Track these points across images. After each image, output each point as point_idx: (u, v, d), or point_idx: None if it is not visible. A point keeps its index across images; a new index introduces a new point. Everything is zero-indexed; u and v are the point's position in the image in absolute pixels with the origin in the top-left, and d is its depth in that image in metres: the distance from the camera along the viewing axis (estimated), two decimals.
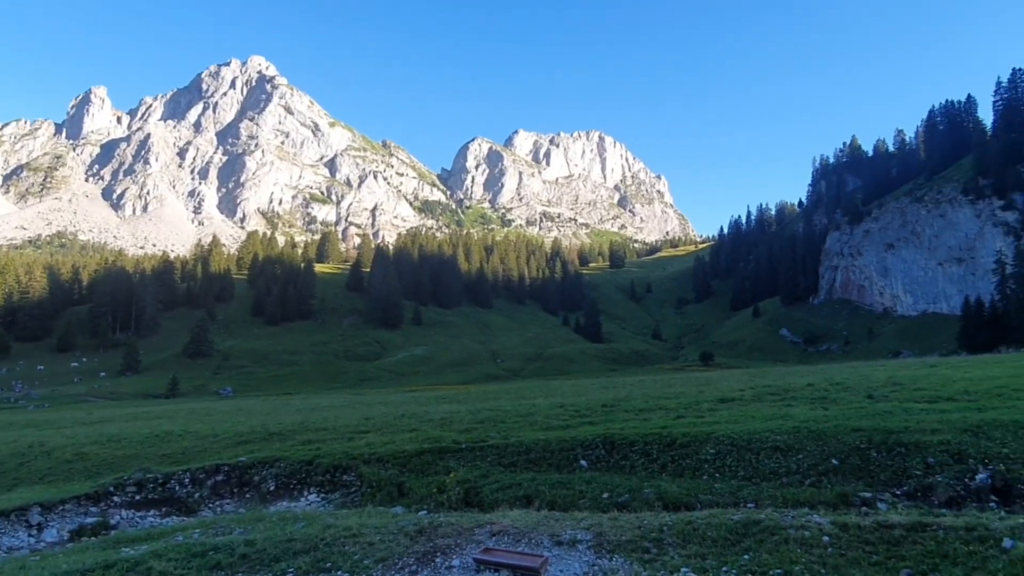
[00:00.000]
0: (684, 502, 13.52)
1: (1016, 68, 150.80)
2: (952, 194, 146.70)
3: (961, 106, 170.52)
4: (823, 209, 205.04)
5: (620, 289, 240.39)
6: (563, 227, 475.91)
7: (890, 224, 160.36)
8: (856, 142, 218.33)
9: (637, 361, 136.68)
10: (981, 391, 21.64)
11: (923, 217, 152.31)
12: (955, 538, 8.23)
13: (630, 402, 25.95)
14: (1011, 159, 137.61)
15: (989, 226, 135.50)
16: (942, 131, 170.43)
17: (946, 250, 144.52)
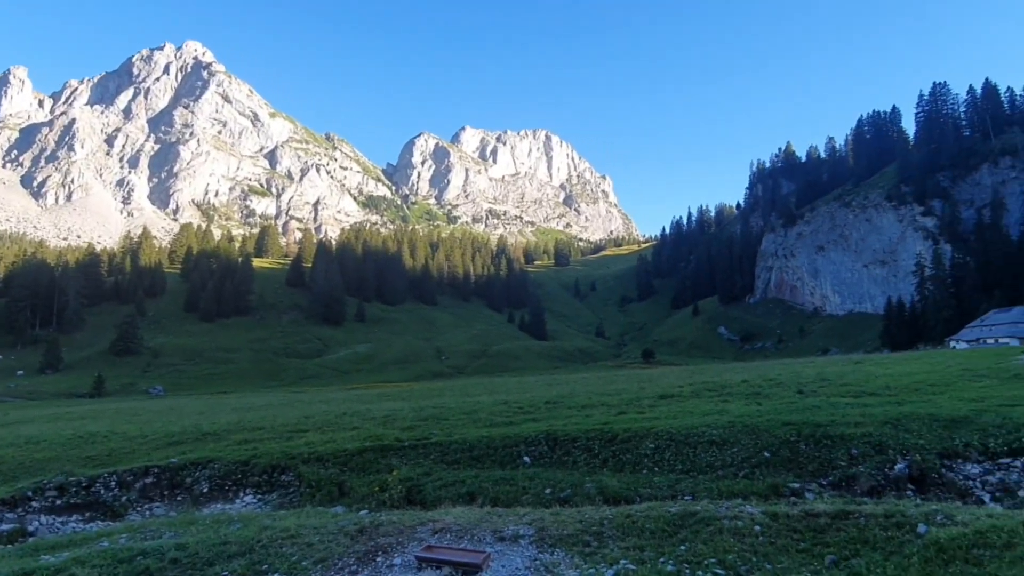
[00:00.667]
0: (624, 496, 13.78)
1: (937, 82, 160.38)
2: (877, 200, 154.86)
3: (887, 116, 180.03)
4: (759, 212, 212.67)
5: (565, 287, 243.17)
6: (509, 225, 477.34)
7: (821, 227, 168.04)
8: (791, 148, 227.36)
9: (581, 358, 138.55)
10: (900, 386, 22.94)
11: (851, 221, 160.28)
12: (875, 525, 8.67)
13: (573, 399, 26.28)
14: (931, 168, 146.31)
15: (910, 231, 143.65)
16: (869, 140, 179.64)
17: (871, 253, 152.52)
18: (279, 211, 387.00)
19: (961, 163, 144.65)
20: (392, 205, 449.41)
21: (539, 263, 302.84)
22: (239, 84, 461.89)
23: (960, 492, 13.59)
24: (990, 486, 13.69)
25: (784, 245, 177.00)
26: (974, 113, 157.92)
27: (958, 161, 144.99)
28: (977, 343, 73.73)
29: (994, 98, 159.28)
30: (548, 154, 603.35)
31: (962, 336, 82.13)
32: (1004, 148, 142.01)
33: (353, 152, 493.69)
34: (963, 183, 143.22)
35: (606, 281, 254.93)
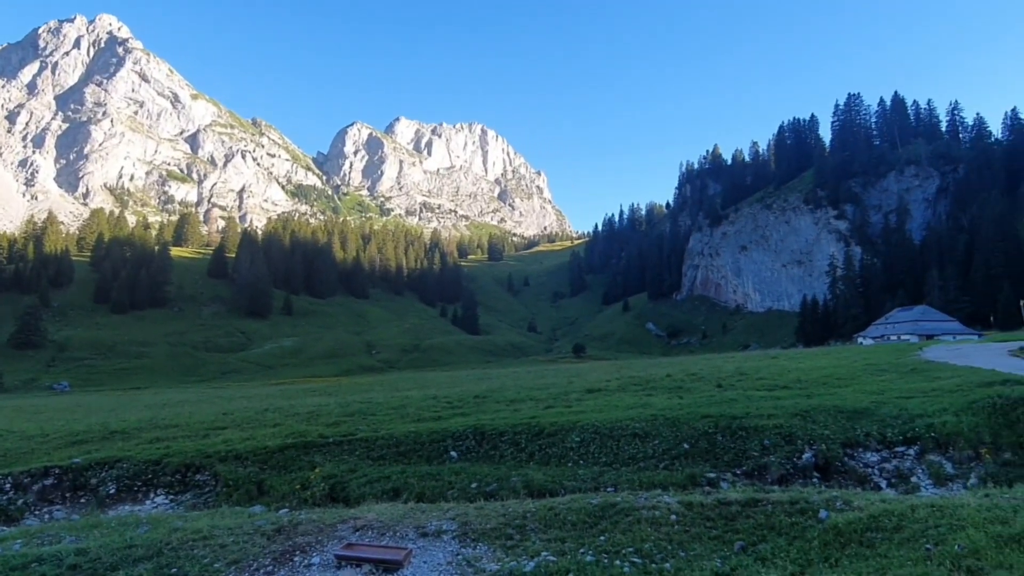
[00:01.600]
0: (549, 489, 13.96)
1: (851, 93, 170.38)
2: (796, 203, 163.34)
3: (806, 124, 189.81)
4: (688, 211, 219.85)
5: (498, 282, 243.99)
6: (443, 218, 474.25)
7: (744, 228, 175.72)
8: (718, 151, 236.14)
9: (513, 353, 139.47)
10: (810, 380, 24.23)
11: (772, 223, 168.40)
12: (781, 511, 9.11)
13: (502, 393, 26.40)
14: (844, 174, 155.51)
15: (825, 233, 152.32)
16: (790, 145, 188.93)
17: (789, 253, 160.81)
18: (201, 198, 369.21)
19: (871, 170, 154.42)
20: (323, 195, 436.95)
21: (473, 257, 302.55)
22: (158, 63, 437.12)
23: (860, 479, 14.50)
24: (887, 473, 14.68)
25: (710, 244, 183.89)
26: (884, 124, 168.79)
27: (869, 168, 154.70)
28: (882, 339, 78.74)
29: (901, 110, 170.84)
30: (484, 148, 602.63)
31: (869, 333, 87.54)
32: (909, 158, 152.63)
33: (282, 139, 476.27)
34: (873, 189, 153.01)
35: (539, 277, 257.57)
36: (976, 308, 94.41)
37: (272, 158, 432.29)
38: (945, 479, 14.10)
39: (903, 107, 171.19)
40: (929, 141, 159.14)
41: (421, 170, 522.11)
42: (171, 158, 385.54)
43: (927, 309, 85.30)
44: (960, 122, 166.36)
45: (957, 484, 13.85)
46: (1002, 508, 7.09)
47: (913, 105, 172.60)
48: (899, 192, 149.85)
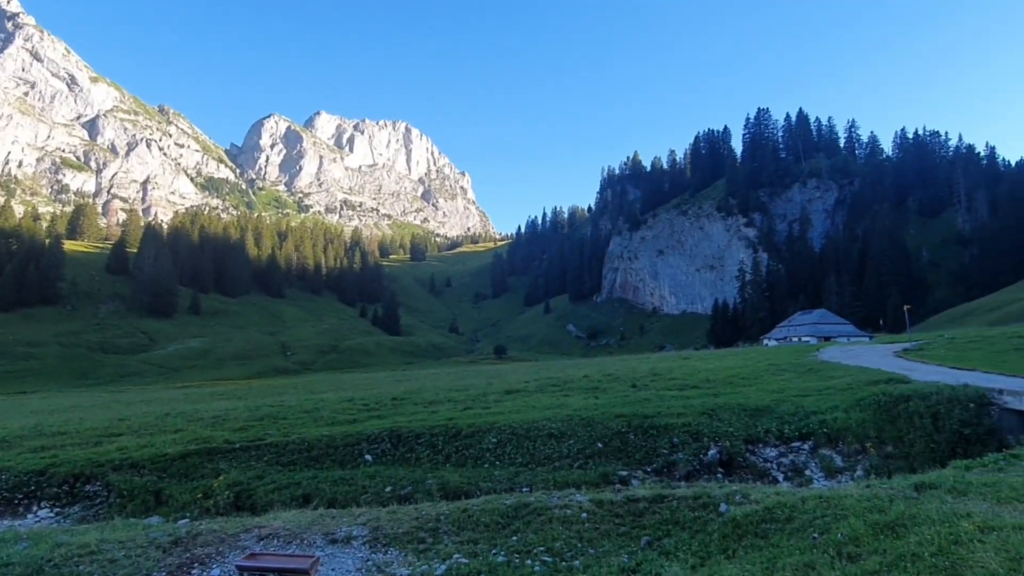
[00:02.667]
0: (465, 490, 13.94)
1: (761, 108, 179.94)
2: (709, 210, 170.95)
3: (719, 135, 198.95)
4: (608, 215, 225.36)
5: (420, 282, 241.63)
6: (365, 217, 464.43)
7: (661, 233, 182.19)
8: (638, 157, 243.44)
9: (434, 354, 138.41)
10: (718, 379, 25.37)
11: (687, 228, 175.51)
12: (685, 506, 9.48)
13: (421, 395, 26.13)
14: (753, 184, 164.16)
15: (735, 239, 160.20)
16: (704, 155, 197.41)
17: (703, 258, 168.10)
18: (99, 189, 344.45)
19: (778, 181, 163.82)
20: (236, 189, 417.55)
21: (395, 257, 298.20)
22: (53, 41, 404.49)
23: (760, 473, 15.32)
24: (784, 467, 15.58)
25: (629, 248, 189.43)
26: (789, 138, 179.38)
27: (775, 179, 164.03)
28: (785, 341, 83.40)
29: (805, 126, 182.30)
30: (407, 146, 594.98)
31: (773, 335, 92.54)
32: (811, 171, 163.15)
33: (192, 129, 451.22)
34: (779, 199, 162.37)
35: (462, 277, 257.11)
36: (868, 312, 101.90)
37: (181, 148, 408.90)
38: (835, 472, 15.12)
39: (807, 123, 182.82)
40: (829, 156, 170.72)
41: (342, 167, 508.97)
42: (66, 144, 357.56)
43: (825, 313, 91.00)
44: (856, 139, 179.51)
45: (845, 476, 14.89)
46: (880, 498, 7.65)
47: (815, 122, 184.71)
48: (802, 203, 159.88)
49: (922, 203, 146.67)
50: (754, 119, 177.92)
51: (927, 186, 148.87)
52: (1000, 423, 15.36)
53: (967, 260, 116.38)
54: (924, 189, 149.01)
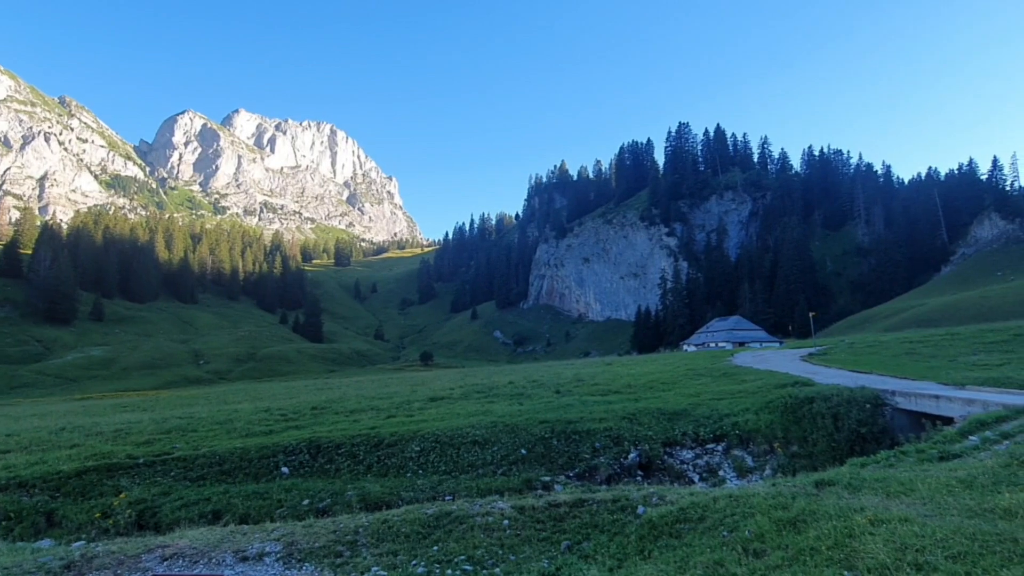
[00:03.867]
0: (386, 501, 13.66)
1: (682, 122, 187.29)
2: (633, 219, 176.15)
3: (643, 147, 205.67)
4: (536, 223, 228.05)
5: (345, 288, 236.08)
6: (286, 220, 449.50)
7: (587, 241, 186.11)
8: (565, 166, 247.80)
9: (358, 361, 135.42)
10: (639, 385, 26.04)
11: (612, 237, 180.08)
12: (604, 510, 9.63)
13: (342, 403, 25.45)
14: (675, 195, 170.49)
15: (657, 248, 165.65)
16: (629, 165, 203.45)
17: (627, 266, 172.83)
18: None
19: (697, 193, 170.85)
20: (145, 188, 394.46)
21: (318, 262, 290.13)
22: None
23: (677, 475, 15.82)
24: (699, 468, 16.15)
25: (556, 255, 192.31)
26: (708, 152, 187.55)
27: (695, 191, 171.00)
28: (703, 346, 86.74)
29: (722, 141, 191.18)
30: (333, 149, 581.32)
31: (692, 340, 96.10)
32: (727, 184, 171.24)
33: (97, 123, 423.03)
34: (698, 210, 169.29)
35: (388, 283, 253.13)
36: (779, 318, 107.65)
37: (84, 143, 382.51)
38: (746, 471, 15.81)
39: (724, 138, 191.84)
40: (744, 170, 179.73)
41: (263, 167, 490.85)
42: None
43: (740, 319, 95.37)
44: (769, 155, 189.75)
45: (756, 475, 15.59)
46: (784, 496, 8.04)
47: (732, 137, 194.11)
48: (719, 214, 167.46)
49: (827, 216, 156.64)
50: (675, 133, 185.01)
51: (831, 200, 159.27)
52: (892, 422, 16.52)
53: (866, 270, 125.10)
54: (829, 203, 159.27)
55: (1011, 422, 11.03)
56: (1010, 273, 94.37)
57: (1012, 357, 26.24)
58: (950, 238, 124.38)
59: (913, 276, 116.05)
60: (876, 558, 5.11)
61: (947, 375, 21.37)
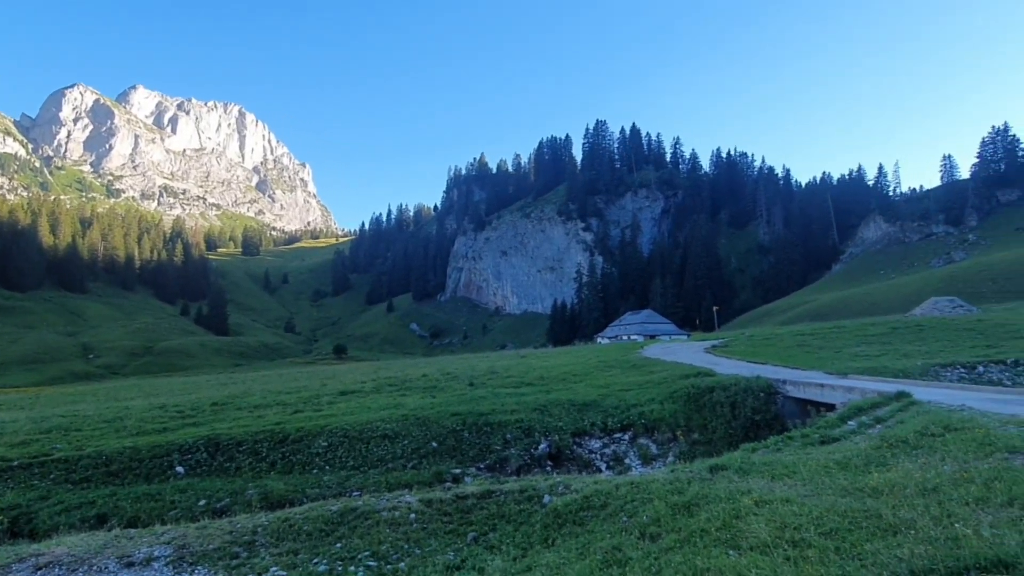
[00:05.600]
0: (290, 499, 13.20)
1: (599, 120, 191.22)
2: (551, 214, 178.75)
3: (562, 142, 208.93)
4: (454, 215, 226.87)
5: (253, 278, 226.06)
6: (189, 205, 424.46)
7: (505, 234, 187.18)
8: (484, 159, 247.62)
9: (267, 355, 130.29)
10: (552, 376, 26.46)
11: (529, 231, 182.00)
12: (512, 500, 9.72)
13: (247, 399, 24.37)
14: (591, 191, 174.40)
15: (574, 243, 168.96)
16: (547, 160, 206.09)
17: (544, 260, 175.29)
18: None
19: (613, 190, 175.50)
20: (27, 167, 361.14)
21: (224, 251, 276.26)
22: None
23: (585, 464, 16.21)
24: (606, 457, 16.62)
25: (474, 248, 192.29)
26: (624, 150, 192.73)
27: (611, 188, 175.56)
28: (616, 339, 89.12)
29: (637, 139, 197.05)
30: (241, 132, 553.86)
31: (606, 333, 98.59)
32: (642, 182, 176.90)
33: None
34: (613, 206, 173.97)
35: (300, 274, 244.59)
36: (687, 312, 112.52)
37: None
38: (650, 459, 16.42)
39: (639, 137, 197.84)
40: (657, 168, 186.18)
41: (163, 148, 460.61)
42: None
43: (651, 313, 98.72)
44: (680, 155, 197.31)
45: (659, 462, 16.21)
46: (681, 481, 8.39)
47: (646, 136, 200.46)
48: (633, 211, 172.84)
49: (732, 216, 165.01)
50: (593, 130, 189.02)
51: (737, 201, 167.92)
52: (783, 409, 17.64)
53: (766, 267, 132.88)
54: (734, 203, 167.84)
55: (884, 408, 12.01)
56: (891, 272, 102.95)
57: (889, 349, 28.63)
58: (840, 238, 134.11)
59: (808, 273, 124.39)
60: (758, 537, 5.41)
61: (833, 365, 23.04)
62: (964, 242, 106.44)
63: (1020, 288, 61.83)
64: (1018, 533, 4.34)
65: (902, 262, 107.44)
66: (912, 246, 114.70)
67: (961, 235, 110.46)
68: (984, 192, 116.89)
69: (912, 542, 4.53)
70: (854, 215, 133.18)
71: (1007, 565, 3.90)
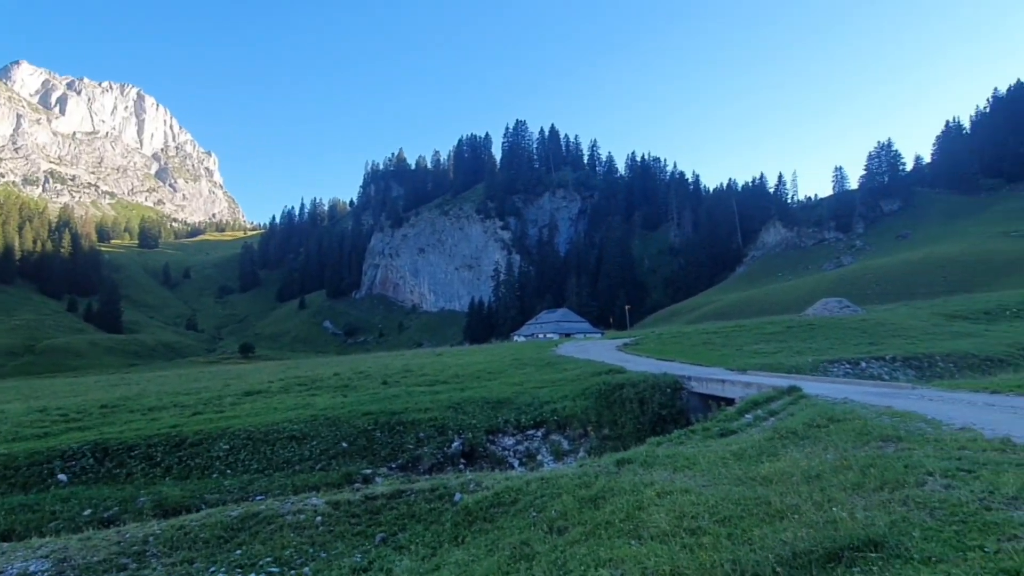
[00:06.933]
0: (187, 505, 12.51)
1: (519, 120, 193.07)
2: (469, 212, 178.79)
3: (481, 141, 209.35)
4: (371, 211, 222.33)
5: (151, 273, 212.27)
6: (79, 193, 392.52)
7: (423, 231, 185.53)
8: (403, 154, 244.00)
9: (165, 354, 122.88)
10: (467, 374, 26.44)
11: (448, 228, 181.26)
12: (422, 499, 9.63)
13: (141, 400, 22.88)
14: (510, 190, 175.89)
15: (492, 241, 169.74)
16: (467, 158, 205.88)
17: (462, 258, 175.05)
18: None
19: (531, 189, 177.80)
20: None
21: (119, 243, 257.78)
22: None
23: (498, 461, 16.29)
24: (519, 454, 16.78)
25: (391, 245, 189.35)
26: (543, 150, 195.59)
27: (529, 187, 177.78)
28: (532, 337, 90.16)
29: (556, 140, 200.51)
30: (140, 116, 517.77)
31: (522, 331, 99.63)
32: (559, 182, 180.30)
33: None
34: (532, 206, 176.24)
35: (204, 269, 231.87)
36: (602, 311, 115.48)
37: None
38: (562, 455, 16.72)
39: (557, 138, 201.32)
40: (575, 170, 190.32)
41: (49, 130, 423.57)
42: None
43: (567, 311, 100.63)
44: (597, 157, 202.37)
45: (570, 458, 16.53)
46: (588, 475, 8.58)
47: (565, 138, 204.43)
48: (551, 210, 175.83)
49: (645, 218, 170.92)
50: (513, 130, 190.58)
51: (649, 203, 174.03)
52: (688, 404, 18.44)
53: (676, 268, 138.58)
54: (647, 206, 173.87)
55: (777, 401, 12.79)
56: (788, 274, 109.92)
57: (784, 346, 30.56)
58: (744, 242, 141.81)
59: (715, 274, 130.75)
60: (659, 527, 5.61)
61: (734, 362, 24.33)
62: (852, 247, 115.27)
63: (900, 290, 67.59)
64: (887, 515, 4.72)
65: (798, 265, 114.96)
66: (807, 250, 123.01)
67: (850, 241, 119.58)
68: (870, 202, 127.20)
69: (796, 526, 4.83)
70: (756, 220, 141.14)
71: (876, 544, 4.23)
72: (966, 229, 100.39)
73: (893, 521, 4.57)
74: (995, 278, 66.42)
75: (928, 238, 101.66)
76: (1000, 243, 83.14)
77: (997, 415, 9.26)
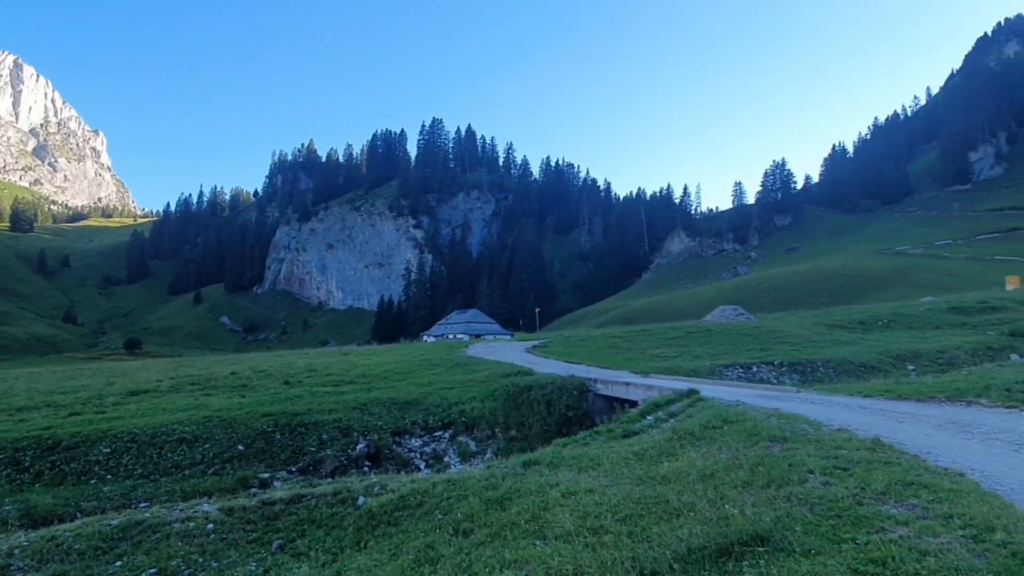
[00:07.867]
0: (60, 514, 11.50)
1: (436, 118, 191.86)
2: (381, 208, 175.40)
3: (396, 136, 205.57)
4: (277, 202, 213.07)
5: (24, 259, 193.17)
6: None
7: (333, 227, 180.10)
8: (313, 146, 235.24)
9: (39, 349, 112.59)
10: (374, 375, 25.89)
11: (358, 224, 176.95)
12: (323, 504, 9.32)
13: (8, 400, 20.82)
14: (424, 188, 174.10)
15: (404, 239, 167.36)
16: (381, 154, 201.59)
17: (372, 255, 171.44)
18: None
19: (446, 189, 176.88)
20: None
21: None
22: None
23: (405, 463, 16.05)
24: (426, 455, 16.61)
25: (297, 239, 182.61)
26: (459, 150, 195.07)
27: (444, 187, 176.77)
28: (442, 337, 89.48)
29: (472, 141, 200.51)
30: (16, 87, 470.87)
31: (432, 331, 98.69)
32: (474, 183, 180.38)
33: None
34: (445, 205, 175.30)
35: (86, 257, 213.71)
36: (512, 313, 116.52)
37: None
38: (469, 456, 16.70)
39: (473, 138, 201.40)
40: (490, 171, 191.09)
41: None
42: None
43: (478, 312, 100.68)
44: (513, 160, 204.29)
45: (478, 459, 16.54)
46: (495, 476, 8.61)
47: (481, 138, 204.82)
48: (465, 211, 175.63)
49: (557, 222, 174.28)
50: (429, 127, 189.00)
51: (562, 208, 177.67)
52: (593, 406, 18.91)
53: (585, 273, 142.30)
54: (560, 210, 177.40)
55: (677, 404, 13.35)
56: (690, 282, 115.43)
57: (684, 351, 31.99)
58: (651, 249, 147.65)
59: (622, 280, 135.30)
60: (563, 526, 5.70)
61: (637, 365, 25.20)
62: (748, 258, 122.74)
63: (788, 300, 72.53)
64: (773, 511, 5.02)
65: (699, 273, 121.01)
66: (708, 260, 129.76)
67: (746, 252, 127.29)
68: (765, 216, 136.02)
69: (691, 523, 5.06)
70: (662, 229, 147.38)
71: (763, 538, 4.50)
72: (846, 246, 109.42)
73: (778, 517, 4.87)
74: (869, 291, 72.78)
75: (814, 252, 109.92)
76: (874, 260, 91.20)
77: (869, 417, 10.10)
